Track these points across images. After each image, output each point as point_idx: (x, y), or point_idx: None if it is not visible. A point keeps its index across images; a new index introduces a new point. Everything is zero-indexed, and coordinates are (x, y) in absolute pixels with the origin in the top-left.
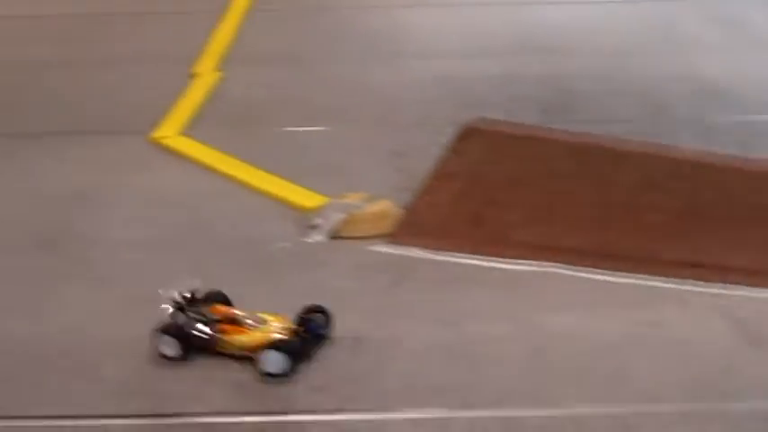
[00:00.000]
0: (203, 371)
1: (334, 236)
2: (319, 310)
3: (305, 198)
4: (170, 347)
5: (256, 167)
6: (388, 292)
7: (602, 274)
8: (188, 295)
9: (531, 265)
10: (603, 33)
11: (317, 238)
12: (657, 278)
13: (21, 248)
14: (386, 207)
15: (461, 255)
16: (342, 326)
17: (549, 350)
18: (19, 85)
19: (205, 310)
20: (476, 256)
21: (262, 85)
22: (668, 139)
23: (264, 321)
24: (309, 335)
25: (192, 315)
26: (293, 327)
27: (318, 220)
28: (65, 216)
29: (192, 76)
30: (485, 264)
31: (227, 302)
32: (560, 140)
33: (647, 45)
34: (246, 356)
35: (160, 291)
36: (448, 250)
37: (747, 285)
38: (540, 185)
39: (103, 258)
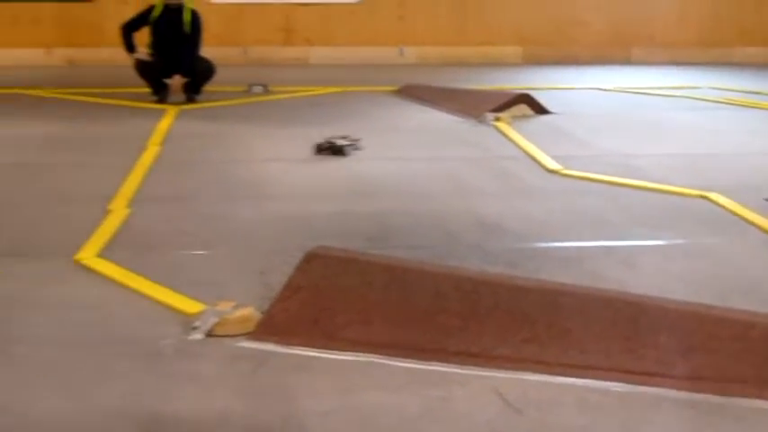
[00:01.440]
0: None
1: (210, 334)
2: None
3: (188, 305)
4: None
5: (153, 281)
6: (249, 375)
7: (407, 363)
8: None
9: (353, 355)
10: (411, 182)
11: (196, 336)
12: (446, 365)
13: None
14: (249, 312)
15: (304, 348)
16: (212, 400)
17: (366, 420)
18: None
19: None
20: (314, 349)
21: (161, 219)
22: (457, 260)
23: None
24: None
25: None
26: None
27: (197, 323)
28: (2, 320)
29: (107, 212)
30: (320, 355)
31: None
32: (379, 262)
33: (442, 191)
34: None
35: None
36: (294, 345)
37: (511, 369)
38: (362, 296)
39: (25, 352)
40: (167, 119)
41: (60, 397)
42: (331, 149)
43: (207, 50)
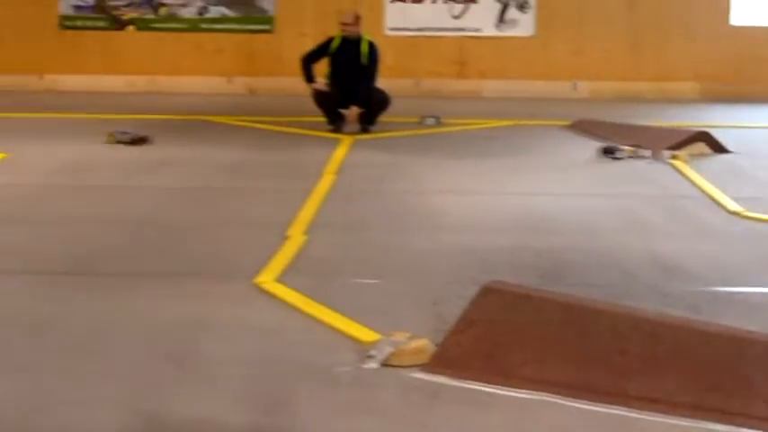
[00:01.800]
0: None
1: (385, 364)
2: None
3: (363, 333)
4: None
5: (328, 308)
6: (423, 407)
7: (582, 404)
8: None
9: (528, 393)
10: (585, 218)
11: (371, 365)
12: (625, 408)
13: (149, 360)
14: (424, 344)
15: (477, 383)
16: (388, 429)
17: None
18: (154, 238)
19: None
20: (487, 385)
21: (336, 247)
22: (634, 301)
23: None
24: None
25: None
26: None
27: (373, 352)
28: (185, 337)
29: (285, 237)
30: (494, 391)
31: None
32: (554, 299)
33: (618, 229)
34: None
35: None
36: (467, 379)
37: (694, 418)
38: (538, 333)
39: (210, 370)
40: (342, 148)
41: (243, 414)
42: None
43: (381, 81)
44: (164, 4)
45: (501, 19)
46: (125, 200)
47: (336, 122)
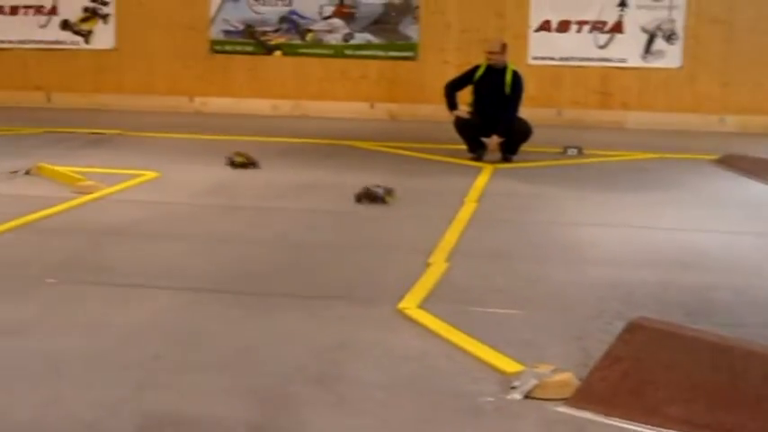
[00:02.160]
0: None
1: (528, 396)
2: None
3: (506, 364)
4: None
5: (469, 336)
6: None
7: None
8: None
9: None
10: (736, 256)
11: (514, 396)
12: None
13: (296, 381)
14: (568, 377)
15: (622, 420)
16: None
17: None
18: (298, 260)
19: None
20: (633, 423)
21: (478, 275)
22: None
23: None
24: None
25: None
26: None
27: (516, 382)
28: (331, 359)
29: (428, 264)
30: (640, 429)
31: None
32: (704, 339)
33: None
34: None
35: None
36: (613, 416)
37: None
38: (686, 372)
39: (354, 394)
40: (483, 176)
41: None
42: None
43: (523, 111)
44: (310, 30)
45: (647, 50)
46: (269, 221)
47: (478, 151)
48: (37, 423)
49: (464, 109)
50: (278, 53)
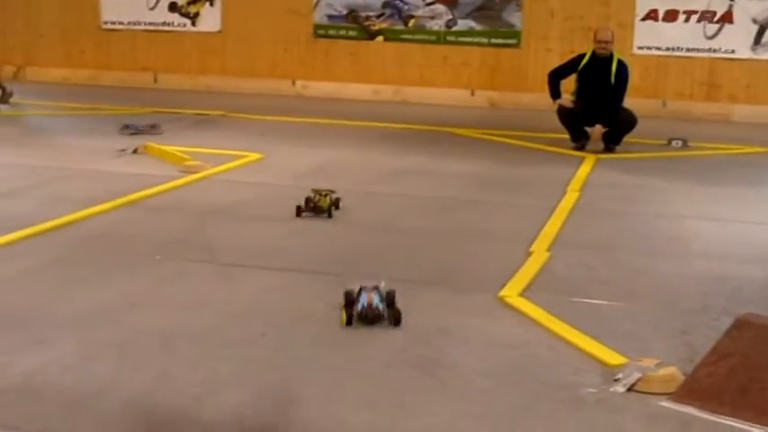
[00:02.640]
0: None
1: (631, 389)
2: None
3: (609, 356)
4: None
5: (571, 327)
6: None
7: None
8: None
9: None
10: None
11: (617, 389)
12: None
13: (397, 365)
14: (673, 372)
15: (729, 418)
16: None
17: None
18: (398, 245)
19: None
20: (739, 421)
21: (580, 265)
22: None
23: None
24: None
25: None
26: None
27: (620, 375)
28: (432, 344)
29: (529, 253)
30: (745, 427)
31: None
32: None
33: None
34: None
35: None
36: (718, 413)
37: None
38: None
39: (456, 379)
40: (585, 166)
41: (487, 428)
42: None
43: (626, 101)
44: (413, 17)
45: (757, 41)
46: (370, 205)
47: (580, 140)
48: (148, 395)
49: (567, 98)
50: (380, 38)
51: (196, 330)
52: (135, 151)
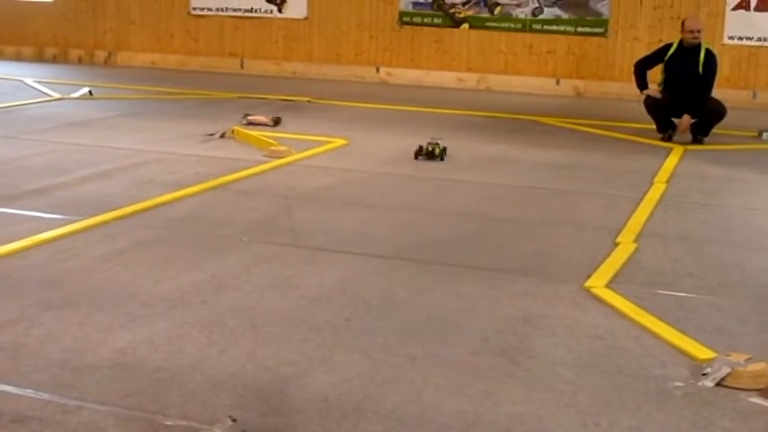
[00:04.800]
0: None
1: (719, 384)
2: None
3: (697, 350)
4: None
5: (658, 319)
6: None
7: None
8: None
9: None
10: None
11: (706, 383)
12: None
13: (482, 352)
14: (763, 368)
15: None
16: None
17: None
18: (482, 233)
19: None
20: None
21: (668, 258)
22: None
23: None
24: None
25: None
26: None
27: (708, 370)
28: (517, 333)
29: (615, 243)
30: None
31: None
32: None
33: None
34: None
35: None
36: None
37: None
38: None
39: (540, 369)
40: (673, 158)
41: (571, 418)
42: None
43: (715, 92)
44: (499, 4)
45: None
46: (454, 193)
47: (667, 131)
48: (236, 375)
49: (654, 88)
50: (465, 26)
51: (283, 312)
52: (222, 136)
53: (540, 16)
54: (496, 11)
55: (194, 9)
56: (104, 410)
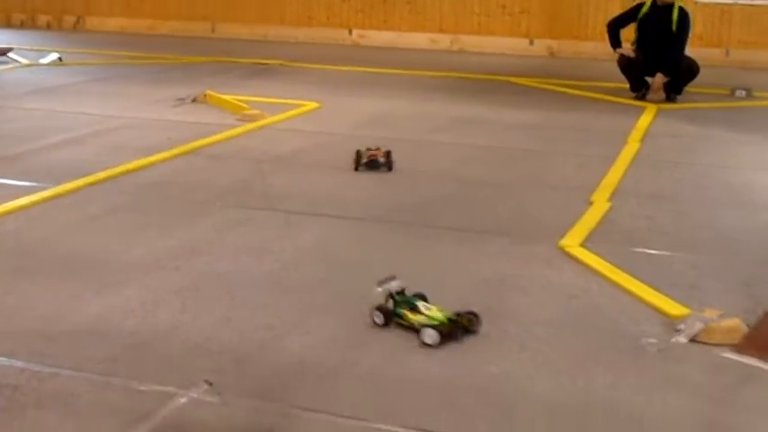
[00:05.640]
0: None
1: (693, 340)
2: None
3: (670, 306)
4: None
5: (632, 277)
6: (734, 389)
7: None
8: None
9: None
10: None
11: (679, 339)
12: None
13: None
14: (736, 323)
15: None
16: (693, 407)
17: None
18: (457, 194)
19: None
20: None
21: (641, 216)
22: None
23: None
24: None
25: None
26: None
27: (681, 326)
28: (493, 293)
29: (589, 203)
30: None
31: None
32: None
33: None
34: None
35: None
36: None
37: None
38: None
39: (516, 329)
40: (646, 116)
41: (547, 377)
42: None
43: (688, 50)
44: None
45: None
46: (428, 154)
47: (640, 90)
48: (211, 340)
49: (628, 47)
50: None
51: (258, 276)
52: (194, 100)
53: None
54: None
55: None
56: (79, 377)
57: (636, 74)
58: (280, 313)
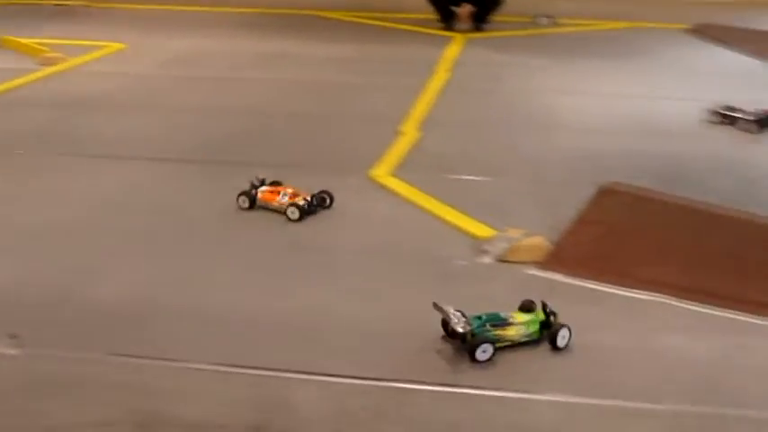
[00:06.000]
0: None
1: (500, 259)
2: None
3: (478, 229)
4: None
5: (441, 203)
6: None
7: (699, 306)
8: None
9: (646, 294)
10: (705, 125)
11: (487, 260)
12: (743, 314)
13: (273, 248)
14: (539, 241)
15: (592, 281)
16: None
17: (657, 358)
18: (267, 130)
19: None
20: (603, 284)
21: (450, 144)
22: (758, 207)
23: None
24: None
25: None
26: None
27: (488, 247)
28: (305, 226)
29: (398, 133)
30: (609, 290)
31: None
32: (674, 203)
33: (737, 136)
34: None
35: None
36: (583, 277)
37: None
38: (656, 235)
39: (329, 260)
40: (454, 46)
41: (360, 304)
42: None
43: None
44: None
45: None
46: (236, 91)
47: (448, 20)
48: (12, 292)
49: None
50: None
51: (64, 224)
52: None
53: None
54: None
55: None
56: None
57: (443, 4)
58: (87, 259)
